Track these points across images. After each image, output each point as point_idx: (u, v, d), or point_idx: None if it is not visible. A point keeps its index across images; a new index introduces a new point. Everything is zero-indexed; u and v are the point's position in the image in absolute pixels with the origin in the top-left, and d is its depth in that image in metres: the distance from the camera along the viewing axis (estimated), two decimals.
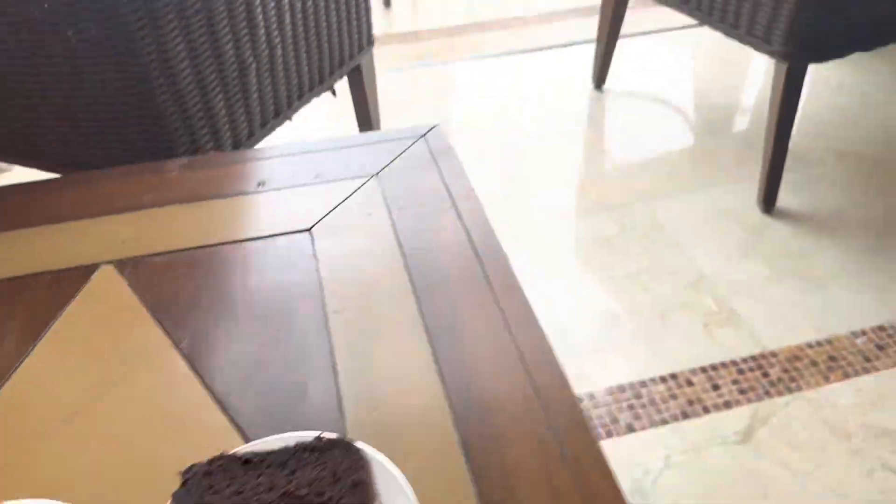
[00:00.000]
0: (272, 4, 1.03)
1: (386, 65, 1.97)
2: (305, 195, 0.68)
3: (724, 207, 1.40)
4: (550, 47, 1.99)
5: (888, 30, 1.27)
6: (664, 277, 1.25)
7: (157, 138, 0.94)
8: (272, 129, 1.13)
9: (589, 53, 1.85)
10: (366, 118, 1.43)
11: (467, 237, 0.62)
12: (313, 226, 0.64)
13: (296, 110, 1.19)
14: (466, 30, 2.19)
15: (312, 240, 0.63)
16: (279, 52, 1.08)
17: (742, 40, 1.30)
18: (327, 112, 1.67)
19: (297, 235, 0.63)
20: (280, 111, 1.14)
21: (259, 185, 0.70)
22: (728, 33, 1.33)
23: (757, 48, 1.28)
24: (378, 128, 1.46)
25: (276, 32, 1.06)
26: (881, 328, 1.15)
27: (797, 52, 1.23)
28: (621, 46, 1.92)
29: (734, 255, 1.29)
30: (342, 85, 1.32)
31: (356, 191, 0.68)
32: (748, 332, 1.14)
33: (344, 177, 0.70)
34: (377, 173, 0.71)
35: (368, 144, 0.75)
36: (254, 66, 1.03)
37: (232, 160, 0.73)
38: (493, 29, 2.19)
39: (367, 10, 1.30)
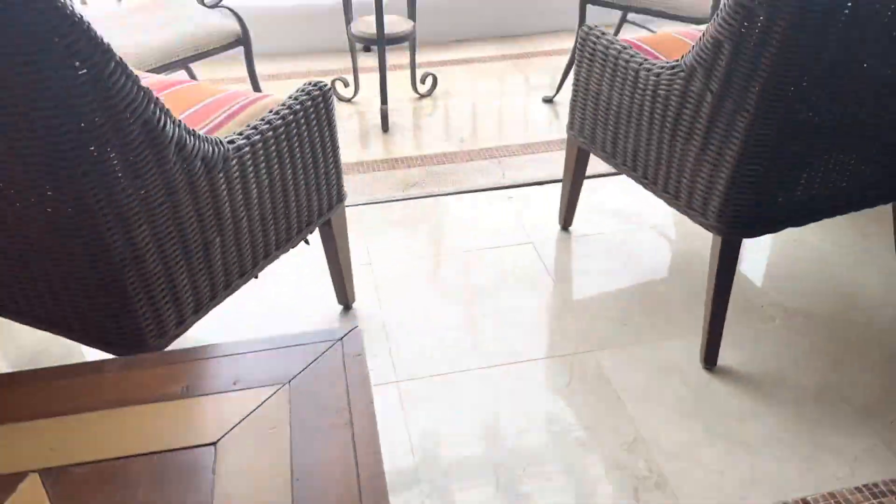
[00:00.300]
0: (238, 186, 1.15)
1: (372, 193, 2.09)
2: (221, 403, 0.77)
3: (670, 362, 1.47)
4: (528, 184, 2.10)
5: (817, 209, 1.36)
6: (603, 435, 1.31)
7: (121, 308, 1.05)
8: (236, 289, 1.24)
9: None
10: (336, 268, 1.54)
11: (354, 463, 0.70)
12: (220, 439, 0.73)
13: (262, 268, 1.30)
14: (455, 157, 2.33)
15: (216, 455, 0.71)
16: (245, 224, 1.20)
17: (681, 211, 1.40)
18: (298, 259, 1.77)
19: (204, 449, 0.72)
20: (245, 272, 1.25)
21: (183, 389, 0.79)
22: (670, 203, 1.42)
23: (694, 220, 1.38)
24: (349, 280, 1.56)
25: (241, 209, 1.18)
26: (804, 501, 1.19)
27: (729, 229, 1.32)
28: (591, 186, 2.03)
29: (673, 414, 1.35)
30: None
31: (267, 400, 0.77)
32: (673, 501, 1.19)
33: (259, 384, 0.80)
34: (290, 381, 0.80)
35: (288, 347, 0.85)
36: (218, 240, 1.15)
37: (164, 361, 0.83)
38: (480, 158, 2.32)
39: (338, 171, 1.43)
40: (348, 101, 2.69)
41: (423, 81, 2.70)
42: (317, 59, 3.03)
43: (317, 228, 1.44)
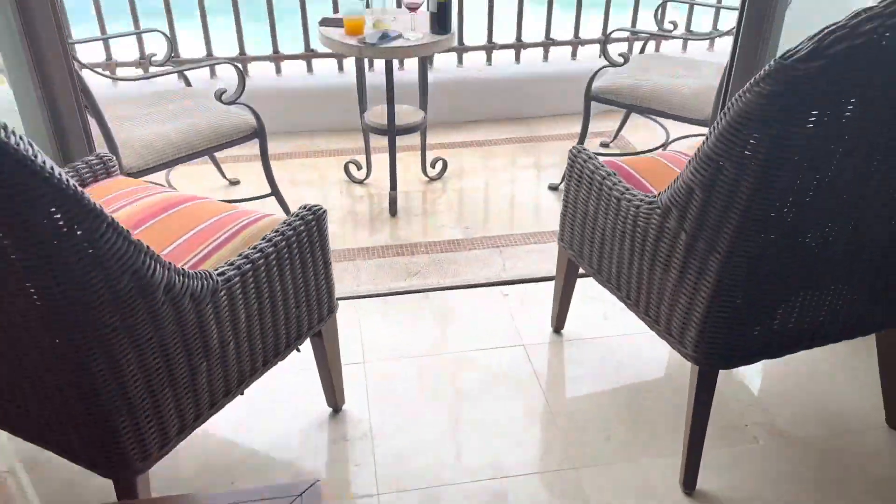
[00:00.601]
0: (227, 314, 1.22)
1: (374, 282, 2.15)
2: None
3: (650, 483, 1.48)
4: (524, 280, 2.15)
5: (795, 341, 1.38)
6: None
7: (107, 436, 1.11)
8: (221, 407, 1.29)
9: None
10: (326, 373, 1.59)
11: None
12: None
13: (248, 385, 1.35)
14: (459, 245, 2.39)
15: None
16: (232, 348, 1.26)
17: (661, 336, 1.43)
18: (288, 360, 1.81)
19: None
20: (230, 391, 1.30)
21: None
22: (651, 327, 1.46)
23: (673, 347, 1.40)
24: (339, 384, 1.61)
25: (229, 335, 1.24)
26: None
27: (705, 359, 1.34)
28: (586, 284, 2.06)
29: None
30: None
31: None
32: None
33: None
34: None
35: (251, 502, 0.89)
36: (204, 366, 1.21)
37: None
38: (483, 247, 2.37)
39: (329, 286, 1.48)
40: (360, 182, 2.77)
41: (433, 166, 2.78)
42: (332, 139, 3.13)
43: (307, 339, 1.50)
